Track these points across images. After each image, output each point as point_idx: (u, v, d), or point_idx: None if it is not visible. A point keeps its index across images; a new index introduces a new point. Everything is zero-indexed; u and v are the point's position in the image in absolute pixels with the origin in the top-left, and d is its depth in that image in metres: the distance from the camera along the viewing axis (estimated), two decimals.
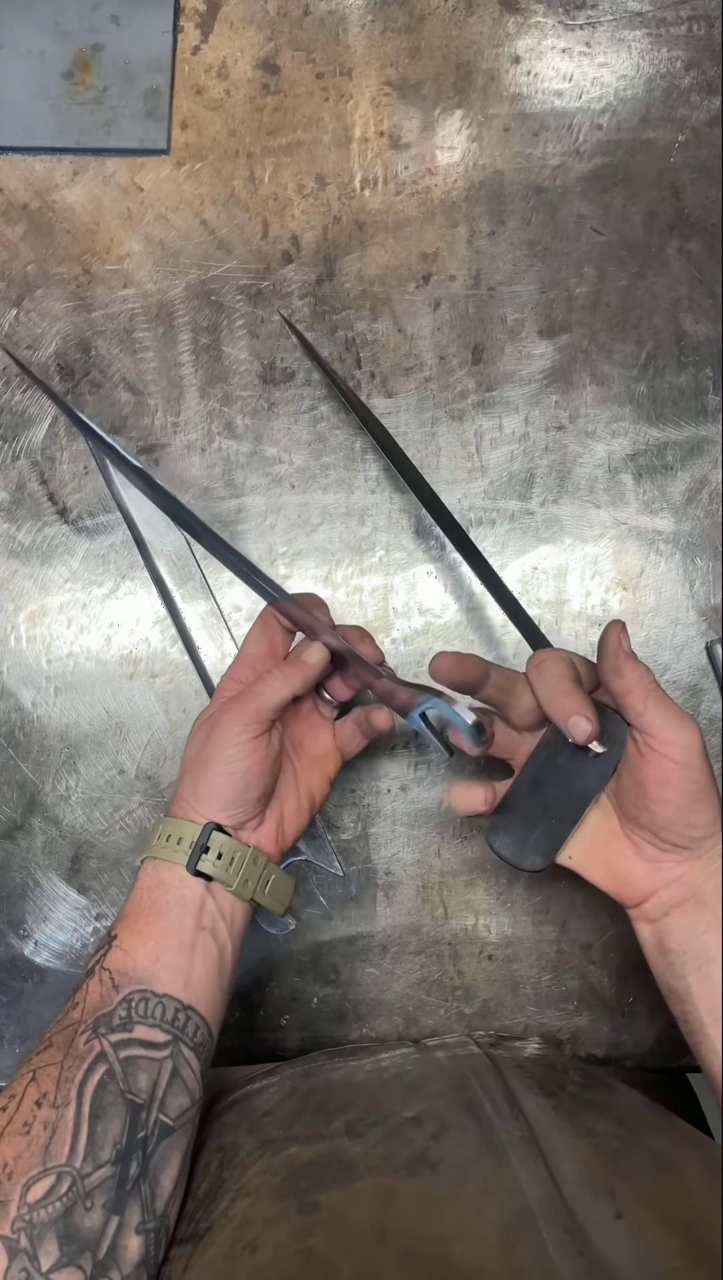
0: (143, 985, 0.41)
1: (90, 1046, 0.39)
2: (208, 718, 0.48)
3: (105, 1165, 0.37)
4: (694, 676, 0.60)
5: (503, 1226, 0.34)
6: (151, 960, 0.42)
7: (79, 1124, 0.37)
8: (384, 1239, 0.35)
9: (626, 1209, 0.35)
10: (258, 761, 0.46)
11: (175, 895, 0.44)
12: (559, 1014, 0.59)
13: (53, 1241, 0.35)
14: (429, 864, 0.59)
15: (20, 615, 0.59)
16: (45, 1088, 0.38)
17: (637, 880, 0.45)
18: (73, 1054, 0.39)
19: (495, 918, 0.59)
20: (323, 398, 0.60)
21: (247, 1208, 0.37)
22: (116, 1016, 0.40)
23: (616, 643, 0.43)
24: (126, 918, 0.44)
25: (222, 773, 0.46)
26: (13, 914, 0.59)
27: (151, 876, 0.45)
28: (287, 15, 0.60)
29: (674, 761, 0.42)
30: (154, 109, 0.60)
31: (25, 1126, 0.37)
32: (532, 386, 0.60)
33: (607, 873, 0.46)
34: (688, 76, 0.61)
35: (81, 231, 0.60)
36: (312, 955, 0.59)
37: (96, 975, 0.42)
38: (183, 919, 0.44)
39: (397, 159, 0.61)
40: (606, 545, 0.60)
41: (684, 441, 0.60)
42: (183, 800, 0.47)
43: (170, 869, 0.45)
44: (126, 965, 0.42)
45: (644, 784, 0.43)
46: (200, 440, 0.60)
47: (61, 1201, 0.35)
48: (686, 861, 0.45)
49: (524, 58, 0.61)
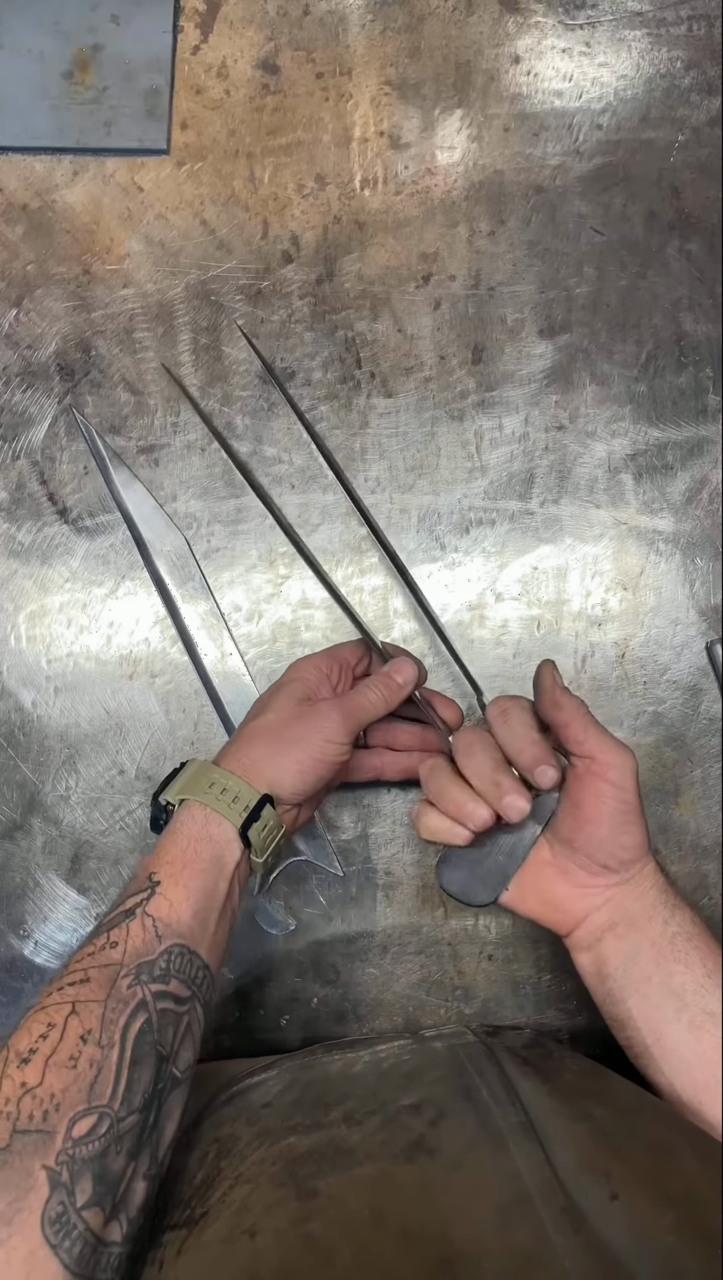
0: (182, 940, 0.42)
1: (133, 992, 0.40)
2: (302, 698, 0.49)
3: (136, 1112, 0.38)
4: (694, 676, 0.60)
5: (501, 1208, 0.35)
6: (192, 916, 0.43)
7: (121, 1067, 0.38)
8: (382, 1221, 0.35)
9: (621, 1190, 0.35)
10: (339, 763, 0.48)
11: (218, 854, 0.45)
12: (559, 1014, 0.59)
13: (88, 1180, 0.35)
14: (429, 864, 0.59)
15: (20, 615, 0.60)
16: (90, 1025, 0.38)
17: (567, 906, 0.48)
18: (116, 996, 0.39)
19: (495, 917, 0.59)
20: (323, 398, 0.60)
21: (245, 1195, 0.38)
22: (158, 967, 0.41)
23: (550, 679, 0.47)
24: (169, 863, 0.44)
25: (311, 757, 0.47)
26: (13, 914, 0.59)
27: (199, 826, 0.45)
28: (287, 15, 0.60)
29: (610, 782, 0.45)
30: (154, 109, 0.60)
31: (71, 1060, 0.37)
32: (532, 386, 0.60)
33: (539, 901, 0.49)
34: (688, 76, 0.61)
35: (81, 231, 0.60)
36: (312, 955, 0.59)
37: (140, 919, 0.42)
38: (220, 880, 0.44)
39: (397, 159, 0.61)
40: (606, 545, 0.60)
41: (684, 441, 0.60)
42: (249, 761, 0.47)
43: (220, 825, 0.45)
44: (171, 917, 0.42)
45: (581, 805, 0.46)
46: (200, 440, 0.60)
47: (101, 1141, 0.36)
48: (614, 886, 0.47)
49: (524, 57, 0.61)
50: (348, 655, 0.53)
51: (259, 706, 0.50)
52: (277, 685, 0.51)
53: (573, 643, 0.60)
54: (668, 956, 0.45)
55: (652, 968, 0.45)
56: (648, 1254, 0.33)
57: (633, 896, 0.47)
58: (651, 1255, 0.33)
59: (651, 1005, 0.45)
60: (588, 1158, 0.37)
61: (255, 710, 0.50)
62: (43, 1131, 0.35)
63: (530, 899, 0.49)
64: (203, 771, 0.47)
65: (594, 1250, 0.33)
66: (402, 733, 0.55)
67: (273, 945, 0.59)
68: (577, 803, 0.46)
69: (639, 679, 0.60)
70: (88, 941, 0.42)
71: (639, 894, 0.47)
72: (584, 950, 0.48)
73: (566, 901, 0.48)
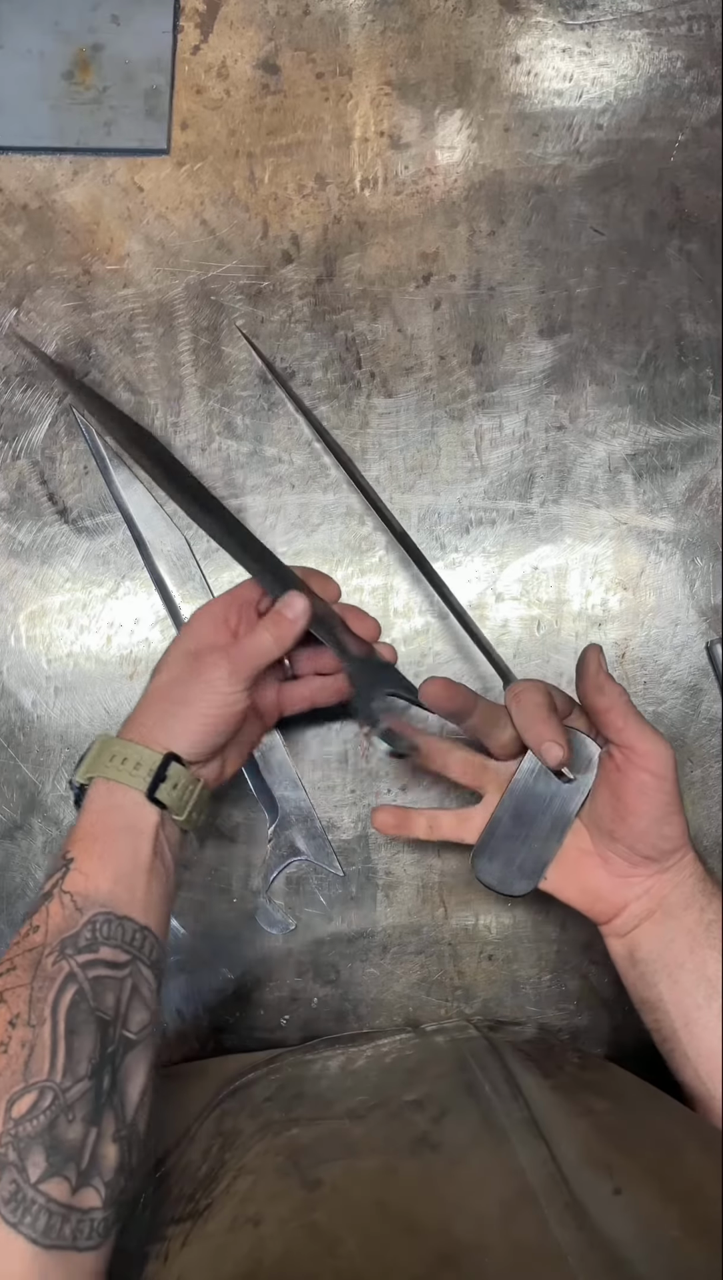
0: (106, 908, 0.42)
1: (59, 967, 0.40)
2: (191, 653, 0.48)
3: (83, 1079, 0.38)
4: (694, 676, 0.60)
5: (504, 1204, 0.35)
6: (112, 883, 0.43)
7: (55, 1041, 0.38)
8: (387, 1214, 0.35)
9: (624, 1184, 0.36)
10: (237, 713, 0.47)
11: (129, 820, 0.44)
12: (559, 1014, 0.59)
13: (39, 1153, 0.36)
14: (429, 864, 0.59)
15: (20, 615, 0.60)
16: (17, 1009, 0.39)
17: (607, 895, 0.48)
18: (41, 975, 0.40)
19: (496, 918, 0.60)
20: (323, 398, 0.60)
21: (249, 1185, 0.38)
22: (82, 938, 0.41)
23: (595, 664, 0.46)
24: (80, 840, 0.44)
25: (201, 714, 0.46)
26: (13, 914, 0.59)
27: (104, 799, 0.45)
28: (287, 15, 0.60)
29: (651, 773, 0.45)
30: (154, 109, 0.60)
31: (2, 1046, 0.38)
32: (532, 386, 0.60)
33: (579, 890, 0.48)
34: (688, 76, 0.61)
35: (81, 231, 0.60)
36: (312, 955, 0.59)
37: (57, 898, 0.42)
38: (138, 844, 0.44)
39: (397, 159, 0.61)
40: (606, 545, 0.60)
41: (684, 441, 0.60)
42: (145, 728, 0.46)
43: (125, 793, 0.45)
44: (88, 888, 0.42)
45: (622, 796, 0.46)
46: (200, 440, 0.60)
47: (45, 1115, 0.36)
48: (654, 875, 0.47)
49: (524, 57, 0.61)
50: (247, 593, 0.50)
51: (159, 665, 0.49)
52: (174, 639, 0.50)
53: (573, 643, 0.60)
54: (703, 944, 0.46)
55: (686, 954, 0.46)
56: (652, 1249, 0.33)
57: (672, 885, 0.47)
58: (655, 1250, 0.33)
59: (681, 991, 0.46)
60: (591, 1152, 0.37)
61: (156, 669, 0.49)
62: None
63: (570, 888, 0.49)
64: (105, 746, 0.46)
65: (598, 1246, 0.33)
66: (329, 656, 0.52)
67: (273, 945, 0.59)
68: (617, 795, 0.46)
69: (639, 679, 0.60)
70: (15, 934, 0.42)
71: (678, 882, 0.47)
72: (620, 937, 0.48)
73: (606, 891, 0.48)
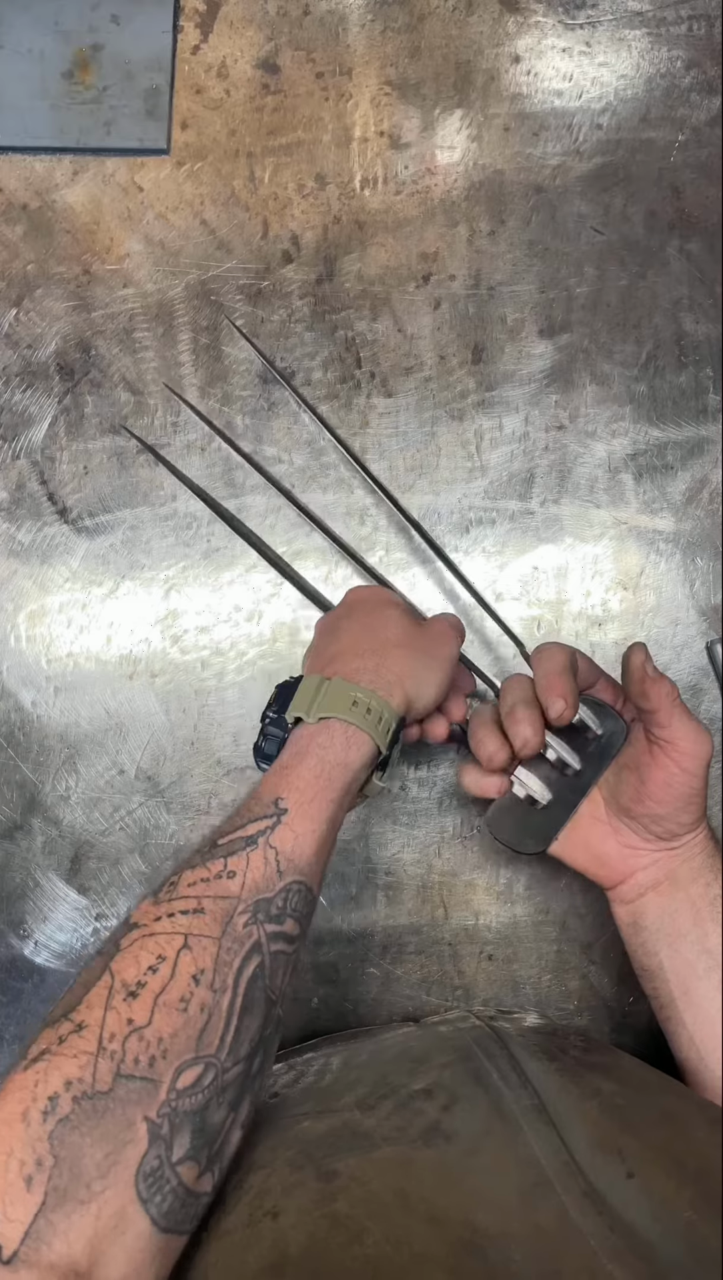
0: (302, 878, 0.40)
1: (249, 932, 0.37)
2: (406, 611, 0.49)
3: (241, 1062, 0.36)
4: (694, 676, 0.60)
5: (522, 1192, 0.35)
6: (315, 852, 0.40)
7: (230, 1015, 0.36)
8: (407, 1203, 0.34)
9: (636, 1167, 0.36)
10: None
11: (351, 781, 0.42)
12: (559, 1014, 0.59)
13: (187, 1133, 0.34)
14: (429, 864, 0.59)
15: (20, 615, 0.59)
16: (203, 964, 0.36)
17: (615, 863, 0.49)
18: (231, 934, 0.37)
19: (496, 918, 0.59)
20: (323, 398, 0.60)
21: (262, 1179, 0.37)
22: (275, 905, 0.39)
23: (641, 666, 0.45)
24: (300, 789, 0.41)
25: (443, 675, 0.46)
26: (13, 914, 0.59)
27: (339, 750, 0.42)
28: (287, 15, 0.60)
29: (683, 769, 0.45)
30: (154, 109, 0.60)
31: (182, 1002, 0.35)
32: (532, 386, 0.60)
33: (587, 855, 0.49)
34: (688, 76, 0.61)
35: (81, 231, 0.60)
36: (312, 955, 0.59)
37: (262, 850, 0.39)
38: (343, 807, 0.42)
39: (397, 159, 0.61)
40: (606, 545, 0.60)
41: (684, 441, 0.60)
42: (393, 678, 0.44)
43: (362, 748, 0.43)
44: (296, 854, 0.40)
45: (648, 783, 0.46)
46: (200, 440, 0.60)
47: (204, 1094, 0.34)
48: (662, 851, 0.48)
49: (524, 57, 0.61)
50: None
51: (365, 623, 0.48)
52: (363, 605, 0.49)
53: (573, 642, 0.60)
54: (707, 916, 0.46)
55: (689, 925, 0.47)
56: (670, 1230, 0.33)
57: (682, 859, 0.47)
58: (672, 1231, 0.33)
59: (682, 960, 0.46)
60: (601, 1135, 0.37)
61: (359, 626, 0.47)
62: (148, 1079, 0.33)
63: (579, 852, 0.49)
64: (341, 688, 0.43)
65: (618, 1230, 0.33)
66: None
67: None
68: (643, 778, 0.46)
69: None
70: (200, 863, 0.39)
71: (688, 856, 0.47)
72: (625, 904, 0.49)
73: (614, 859, 0.49)
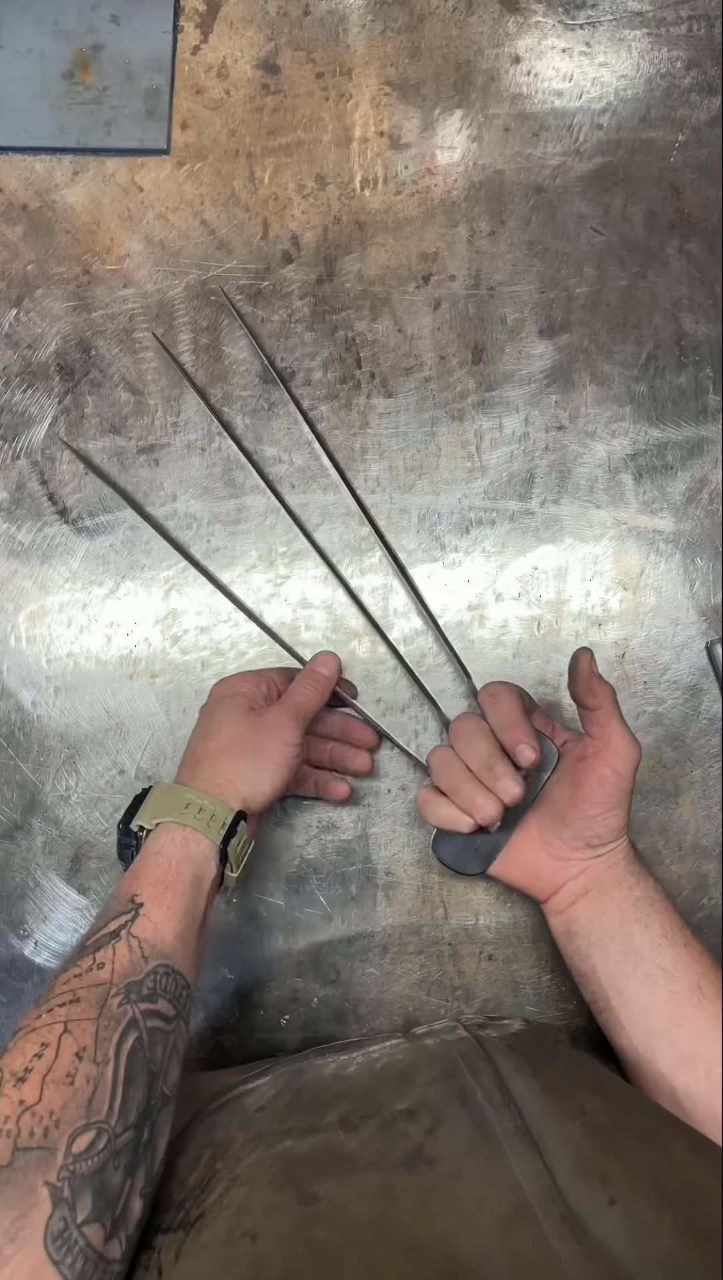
0: (167, 960, 0.43)
1: (124, 1011, 0.40)
2: (249, 710, 0.51)
3: (131, 1129, 0.38)
4: (694, 676, 0.60)
5: (502, 1219, 0.35)
6: (175, 937, 0.44)
7: (115, 1084, 0.38)
8: (386, 1233, 0.35)
9: (618, 1193, 0.36)
10: (299, 765, 0.51)
11: (198, 874, 0.46)
12: (559, 1014, 0.59)
13: (88, 1195, 0.35)
14: (429, 864, 0.59)
15: (20, 615, 0.59)
16: (84, 1042, 0.39)
17: (547, 875, 0.52)
18: (108, 1014, 0.40)
19: (496, 918, 0.59)
20: (322, 398, 0.60)
21: (242, 1196, 0.38)
22: (145, 986, 0.42)
23: (587, 667, 0.49)
24: (151, 885, 0.45)
25: (276, 763, 0.49)
26: (13, 914, 0.59)
27: (179, 846, 0.46)
28: (287, 15, 0.60)
29: (614, 770, 0.49)
30: (154, 109, 0.60)
31: (69, 1077, 0.38)
32: (532, 386, 0.60)
33: (523, 870, 0.53)
34: (688, 76, 0.61)
35: (81, 231, 0.60)
36: (312, 955, 0.59)
37: (125, 941, 0.43)
38: (198, 899, 0.46)
39: (397, 159, 0.61)
40: (606, 545, 0.60)
41: (684, 441, 0.60)
42: (224, 781, 0.49)
43: (199, 843, 0.46)
44: (156, 939, 0.43)
45: (581, 786, 0.50)
46: (200, 440, 0.60)
47: (99, 1157, 0.36)
48: (590, 859, 0.51)
49: (524, 57, 0.61)
50: (276, 679, 0.54)
51: (205, 729, 0.52)
52: (212, 705, 0.53)
53: (573, 643, 0.60)
54: (631, 918, 0.50)
55: (616, 928, 0.50)
56: (649, 1257, 0.33)
57: (606, 866, 0.51)
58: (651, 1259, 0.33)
59: (612, 962, 0.50)
60: (584, 1159, 0.37)
61: (202, 732, 0.52)
62: (44, 1148, 0.35)
63: (516, 868, 0.53)
64: (174, 793, 0.48)
65: (597, 1258, 0.33)
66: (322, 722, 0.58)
67: (273, 945, 0.59)
68: (577, 784, 0.50)
69: (639, 679, 0.60)
70: (72, 964, 0.42)
71: (612, 864, 0.51)
72: (558, 914, 0.52)
73: (546, 871, 0.52)
